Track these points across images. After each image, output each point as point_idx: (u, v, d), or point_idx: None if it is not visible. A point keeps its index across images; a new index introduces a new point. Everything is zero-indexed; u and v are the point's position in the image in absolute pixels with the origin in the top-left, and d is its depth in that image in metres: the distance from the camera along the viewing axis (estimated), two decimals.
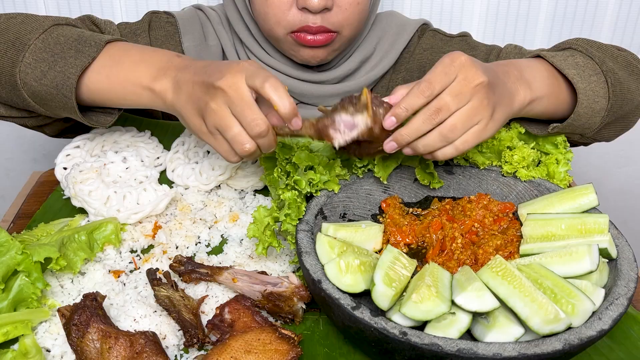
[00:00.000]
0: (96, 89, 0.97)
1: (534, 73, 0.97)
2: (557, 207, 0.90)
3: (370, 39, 1.25)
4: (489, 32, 1.71)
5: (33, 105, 0.99)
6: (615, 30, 1.71)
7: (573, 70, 0.98)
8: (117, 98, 0.97)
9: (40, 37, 0.96)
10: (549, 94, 0.97)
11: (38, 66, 0.95)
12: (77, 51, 0.95)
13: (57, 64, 0.94)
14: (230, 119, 0.83)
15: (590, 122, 1.00)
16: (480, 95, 0.84)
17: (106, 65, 0.95)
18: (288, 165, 0.93)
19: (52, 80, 0.94)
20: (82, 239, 0.91)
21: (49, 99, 0.96)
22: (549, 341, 0.68)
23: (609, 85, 0.98)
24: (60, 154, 1.11)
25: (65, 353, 0.79)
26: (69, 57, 0.95)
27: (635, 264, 0.80)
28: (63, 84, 0.94)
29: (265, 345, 0.75)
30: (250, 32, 1.21)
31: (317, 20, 1.09)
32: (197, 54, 1.21)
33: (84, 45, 0.95)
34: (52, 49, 0.95)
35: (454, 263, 0.87)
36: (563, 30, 1.71)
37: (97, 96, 0.98)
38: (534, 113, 0.98)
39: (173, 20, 1.22)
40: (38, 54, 0.95)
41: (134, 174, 1.05)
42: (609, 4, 1.67)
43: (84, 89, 0.97)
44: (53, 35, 0.97)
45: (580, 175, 1.74)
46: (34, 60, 0.95)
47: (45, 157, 1.94)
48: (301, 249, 0.81)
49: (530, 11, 1.68)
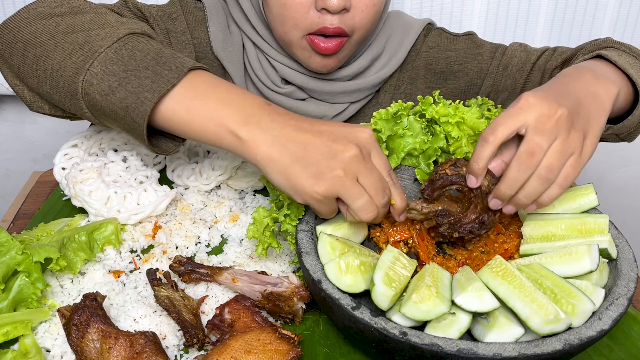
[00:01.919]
0: (172, 120, 0.86)
1: (603, 70, 0.94)
2: (557, 207, 0.90)
3: (380, 38, 1.26)
4: (489, 31, 1.71)
5: (89, 117, 0.90)
6: (615, 30, 1.71)
7: (631, 70, 0.96)
8: (194, 133, 0.87)
9: (113, 46, 0.86)
10: (623, 88, 0.94)
11: (106, 79, 0.85)
12: (154, 73, 0.85)
13: (129, 83, 0.84)
14: (359, 189, 0.80)
15: (631, 123, 1.00)
16: (566, 127, 0.80)
17: (188, 97, 0.85)
18: None
19: (121, 100, 0.85)
20: (82, 239, 0.91)
21: (112, 117, 0.87)
22: (549, 341, 0.68)
23: None
24: (58, 153, 1.11)
25: (65, 353, 0.79)
26: (144, 77, 0.85)
27: (635, 264, 0.80)
28: (135, 107, 0.84)
29: (265, 346, 0.75)
30: (258, 32, 1.21)
31: (334, 21, 1.09)
32: (222, 40, 1.21)
33: (163, 67, 0.85)
34: (125, 64, 0.85)
35: (453, 263, 0.87)
36: (563, 30, 1.71)
37: (170, 126, 0.87)
38: (615, 110, 0.95)
39: (200, 5, 1.21)
40: (108, 66, 0.85)
41: (135, 173, 1.05)
42: (609, 4, 1.67)
43: (157, 115, 0.86)
44: (128, 46, 0.87)
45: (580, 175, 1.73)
46: (102, 72, 0.85)
47: (45, 157, 1.94)
48: (301, 249, 0.81)
49: (530, 11, 1.68)
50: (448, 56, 1.27)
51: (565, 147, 0.80)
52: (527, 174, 0.79)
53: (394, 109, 0.95)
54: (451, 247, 0.91)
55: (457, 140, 0.98)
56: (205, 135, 0.85)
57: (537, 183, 0.80)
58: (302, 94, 1.24)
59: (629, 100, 0.99)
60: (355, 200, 0.79)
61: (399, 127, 0.96)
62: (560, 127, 0.79)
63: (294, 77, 1.21)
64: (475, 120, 0.98)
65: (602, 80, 0.90)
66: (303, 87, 1.22)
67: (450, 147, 0.99)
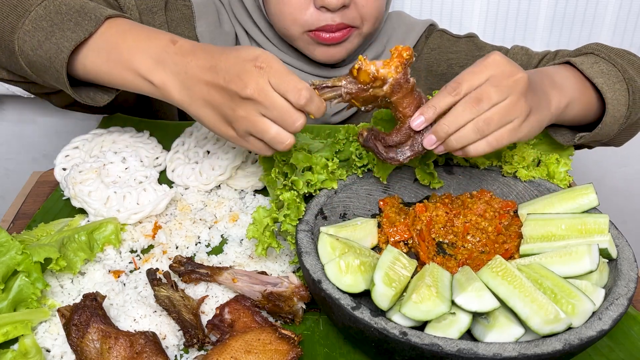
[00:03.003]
0: (93, 70, 0.93)
1: (563, 79, 0.96)
2: (557, 207, 0.90)
3: (381, 37, 1.25)
4: (488, 32, 1.71)
5: (30, 75, 0.96)
6: (615, 30, 1.71)
7: (601, 79, 0.97)
8: (116, 83, 0.94)
9: (42, 4, 0.92)
10: (579, 98, 0.96)
11: (36, 35, 0.91)
12: (75, 23, 0.91)
13: (54, 35, 0.91)
14: (265, 123, 0.82)
15: (611, 130, 1.00)
16: (519, 90, 0.83)
17: (104, 48, 0.92)
18: (285, 166, 0.93)
19: (46, 52, 0.91)
20: (82, 239, 0.91)
21: (43, 70, 0.93)
22: (549, 341, 0.68)
23: (630, 93, 0.98)
24: (59, 154, 1.11)
25: (65, 353, 0.79)
26: (66, 29, 0.90)
27: (635, 264, 0.80)
28: (56, 57, 0.90)
29: (265, 346, 0.75)
30: (260, 29, 1.20)
31: (336, 18, 1.09)
32: (210, 39, 1.20)
33: (84, 18, 0.91)
34: (52, 18, 0.91)
35: (453, 263, 0.87)
36: (563, 30, 1.71)
37: (94, 77, 0.94)
38: (567, 119, 0.98)
39: (189, 3, 1.21)
40: (38, 22, 0.91)
41: (134, 174, 1.05)
42: (609, 4, 1.67)
43: (79, 66, 0.93)
44: (56, 2, 0.92)
45: (580, 175, 1.73)
46: (33, 29, 0.91)
47: (45, 157, 1.94)
48: (301, 249, 0.81)
49: (530, 11, 1.68)
50: (449, 58, 1.27)
51: (511, 109, 0.82)
52: (469, 118, 0.82)
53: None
54: (451, 247, 0.91)
55: None
56: (125, 85, 0.92)
57: (472, 131, 0.82)
58: None
59: (595, 107, 1.00)
60: (265, 133, 0.83)
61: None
62: (514, 88, 0.82)
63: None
64: None
65: (556, 88, 0.92)
66: None
67: None
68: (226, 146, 1.11)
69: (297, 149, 0.94)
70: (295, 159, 0.92)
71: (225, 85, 0.82)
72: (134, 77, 0.90)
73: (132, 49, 0.90)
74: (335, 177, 0.94)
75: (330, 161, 0.94)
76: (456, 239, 0.91)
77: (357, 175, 0.97)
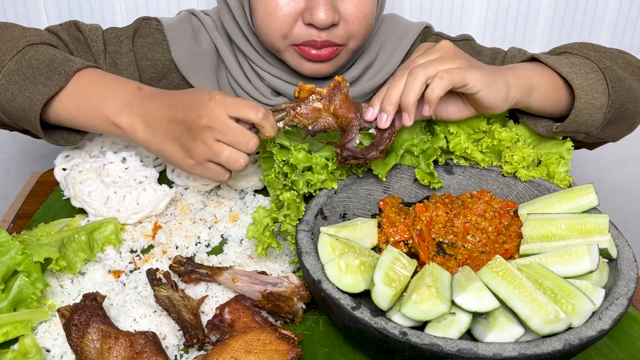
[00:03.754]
0: (65, 118, 1.02)
1: (524, 67, 1.00)
2: (557, 207, 0.90)
3: (374, 44, 1.24)
4: (488, 32, 1.71)
5: (8, 122, 1.04)
6: (615, 30, 1.71)
7: (568, 69, 0.99)
8: (87, 127, 1.03)
9: (14, 59, 1.00)
10: (545, 85, 0.98)
11: (10, 88, 0.99)
12: (46, 78, 0.98)
13: (27, 89, 0.98)
14: (219, 146, 0.91)
15: (593, 119, 1.00)
16: (449, 50, 0.93)
17: (73, 98, 0.99)
18: (285, 166, 0.93)
19: (20, 104, 0.98)
20: (82, 239, 0.91)
21: (18, 119, 1.01)
22: (549, 341, 0.68)
23: (608, 82, 0.98)
24: (59, 155, 1.11)
25: (65, 353, 0.79)
26: (38, 83, 0.98)
27: (635, 264, 0.80)
28: (29, 109, 0.98)
29: (265, 346, 0.75)
30: (250, 42, 1.19)
31: (322, 35, 1.08)
32: (188, 61, 1.20)
33: (54, 72, 0.99)
34: (24, 72, 0.99)
35: (453, 263, 0.87)
36: (563, 30, 1.71)
37: (65, 122, 1.03)
38: (535, 105, 0.99)
39: (161, 26, 1.20)
40: (11, 76, 0.99)
41: (134, 174, 1.05)
42: (609, 4, 1.67)
43: (52, 115, 1.01)
44: (26, 57, 1.00)
45: (580, 175, 1.74)
46: (7, 82, 0.99)
47: (45, 157, 1.94)
48: (301, 249, 0.81)
49: (530, 11, 1.68)
50: None
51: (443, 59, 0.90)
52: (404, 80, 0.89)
53: None
54: (451, 248, 0.91)
55: (455, 135, 0.98)
56: (95, 129, 1.01)
57: (411, 79, 0.88)
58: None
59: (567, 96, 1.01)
60: (221, 155, 0.91)
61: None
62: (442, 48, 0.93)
63: (284, 88, 1.20)
64: (474, 118, 0.98)
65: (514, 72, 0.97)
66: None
67: (449, 144, 0.99)
68: None
69: (297, 149, 0.94)
70: (295, 159, 0.92)
71: (184, 118, 0.91)
72: (102, 121, 0.99)
73: (103, 97, 0.99)
74: (335, 177, 0.94)
75: (330, 161, 0.94)
76: (456, 239, 0.91)
77: (357, 175, 0.97)
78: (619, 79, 1.01)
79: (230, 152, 0.91)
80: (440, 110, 0.97)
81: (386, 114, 0.90)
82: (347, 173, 0.97)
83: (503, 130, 0.99)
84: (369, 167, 0.97)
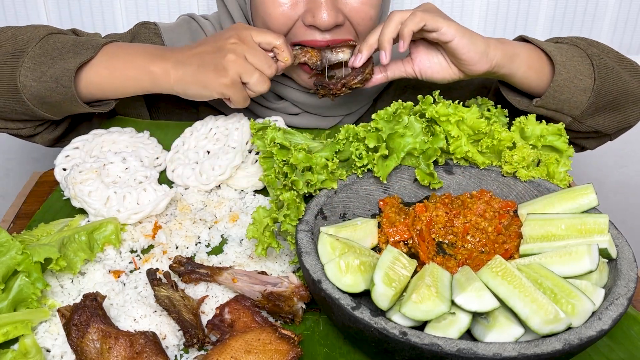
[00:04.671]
0: (97, 81, 1.05)
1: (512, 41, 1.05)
2: (557, 207, 0.90)
3: None
4: (488, 32, 1.71)
5: (32, 108, 1.04)
6: (615, 30, 1.71)
7: (552, 48, 1.02)
8: (118, 86, 1.06)
9: (38, 45, 1.03)
10: (528, 57, 1.02)
11: (37, 68, 1.01)
12: (74, 53, 1.02)
13: (56, 63, 1.01)
14: (250, 66, 0.99)
15: (576, 100, 1.02)
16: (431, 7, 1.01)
17: (104, 61, 1.04)
18: (285, 166, 0.93)
19: (51, 76, 1.01)
20: (82, 239, 0.91)
21: (47, 94, 1.02)
22: (549, 341, 0.68)
23: (595, 67, 1.01)
24: (59, 155, 1.11)
25: (65, 353, 0.79)
26: (67, 58, 1.01)
27: (635, 264, 0.80)
28: (62, 75, 1.00)
29: (265, 345, 0.75)
30: None
31: (327, 36, 1.08)
32: None
33: (82, 48, 1.03)
34: (50, 53, 1.02)
35: (453, 263, 0.87)
36: (563, 30, 1.71)
37: (97, 88, 1.06)
38: (518, 75, 1.03)
39: (158, 31, 1.22)
40: (37, 59, 1.02)
41: (134, 174, 1.05)
42: (609, 4, 1.67)
43: (83, 82, 1.04)
44: (49, 42, 1.03)
45: (580, 175, 1.73)
46: (33, 64, 1.01)
47: (45, 157, 1.94)
48: (301, 249, 0.81)
49: (530, 11, 1.68)
50: None
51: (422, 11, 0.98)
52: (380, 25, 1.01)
53: (393, 108, 0.95)
54: (451, 248, 0.91)
55: (456, 139, 0.98)
56: (128, 84, 1.05)
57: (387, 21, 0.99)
58: (295, 109, 1.23)
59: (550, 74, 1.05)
60: (252, 75, 1.00)
61: (399, 127, 0.96)
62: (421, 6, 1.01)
63: (287, 93, 1.20)
64: (475, 119, 0.98)
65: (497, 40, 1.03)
66: (296, 101, 1.21)
67: (450, 147, 0.99)
68: (226, 146, 1.11)
69: (297, 149, 0.94)
70: (295, 159, 0.92)
71: (214, 44, 1.01)
72: (136, 72, 1.03)
73: (133, 54, 1.05)
74: (335, 177, 0.94)
75: (330, 161, 0.94)
76: (456, 239, 0.91)
77: (357, 175, 0.97)
78: (606, 66, 1.02)
79: (259, 75, 1.00)
80: (423, 68, 1.05)
81: (360, 55, 1.02)
82: (347, 173, 0.97)
83: (503, 131, 0.99)
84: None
